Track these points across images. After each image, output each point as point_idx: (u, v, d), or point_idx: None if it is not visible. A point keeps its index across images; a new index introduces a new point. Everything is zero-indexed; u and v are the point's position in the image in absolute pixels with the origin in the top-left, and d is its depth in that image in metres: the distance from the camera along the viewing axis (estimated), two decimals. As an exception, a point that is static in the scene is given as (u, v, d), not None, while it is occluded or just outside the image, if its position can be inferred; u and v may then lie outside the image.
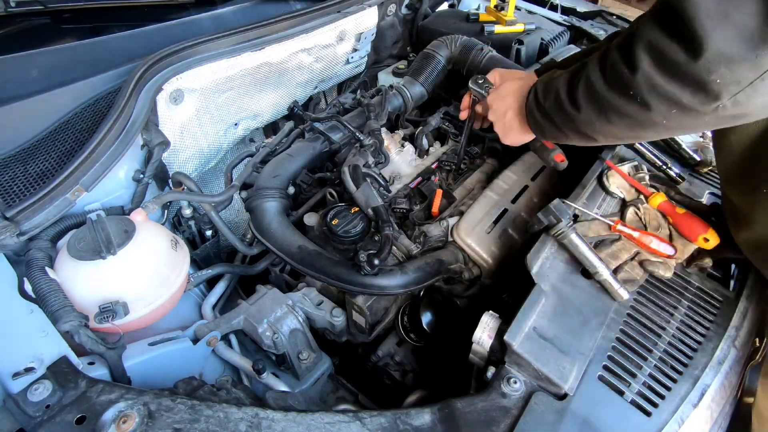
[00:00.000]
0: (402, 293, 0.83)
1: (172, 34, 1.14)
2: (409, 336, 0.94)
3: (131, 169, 0.88)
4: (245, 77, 1.08)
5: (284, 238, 0.89)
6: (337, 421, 0.56)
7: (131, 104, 0.85)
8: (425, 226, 0.90)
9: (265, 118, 1.22)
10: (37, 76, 0.94)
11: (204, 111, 1.05)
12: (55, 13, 1.14)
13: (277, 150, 1.06)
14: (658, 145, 1.02)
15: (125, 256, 0.72)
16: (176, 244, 0.82)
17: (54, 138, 0.85)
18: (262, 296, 0.87)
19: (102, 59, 1.01)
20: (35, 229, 0.72)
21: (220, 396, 0.62)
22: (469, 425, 0.57)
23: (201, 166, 1.12)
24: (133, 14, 1.24)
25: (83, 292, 0.69)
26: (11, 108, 0.85)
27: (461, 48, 1.22)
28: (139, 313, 0.72)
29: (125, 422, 0.51)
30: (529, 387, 0.62)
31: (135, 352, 0.72)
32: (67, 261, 0.70)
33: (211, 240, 1.04)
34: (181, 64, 0.95)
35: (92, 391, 0.55)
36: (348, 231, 0.88)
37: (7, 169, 0.79)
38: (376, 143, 1.02)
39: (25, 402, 0.53)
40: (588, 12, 1.73)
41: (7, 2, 1.06)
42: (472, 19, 1.44)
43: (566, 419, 0.58)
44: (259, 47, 1.06)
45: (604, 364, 0.64)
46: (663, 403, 0.61)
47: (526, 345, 0.63)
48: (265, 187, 0.94)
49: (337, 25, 1.22)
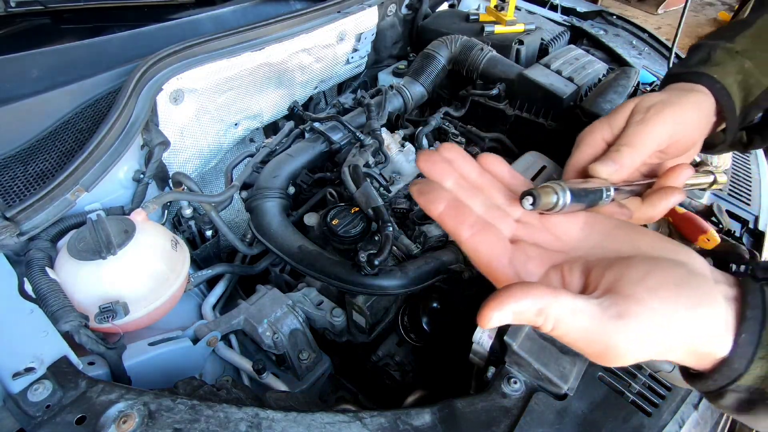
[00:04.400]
0: (402, 293, 0.83)
1: (172, 34, 1.14)
2: (409, 336, 0.94)
3: (131, 169, 0.88)
4: (245, 77, 1.08)
5: (284, 238, 0.89)
6: (337, 421, 0.56)
7: (131, 104, 0.85)
8: (425, 226, 0.90)
9: (265, 118, 1.22)
10: (37, 76, 0.94)
11: (204, 111, 1.04)
12: (55, 13, 1.14)
13: (277, 150, 1.06)
14: (658, 145, 1.02)
15: (125, 256, 0.72)
16: (176, 244, 0.82)
17: (54, 138, 0.85)
18: (262, 296, 0.87)
19: (102, 59, 1.00)
20: (35, 229, 0.72)
21: (220, 396, 0.62)
22: (470, 425, 0.57)
23: (201, 166, 1.11)
24: (133, 14, 1.23)
25: (83, 292, 0.69)
26: (11, 108, 0.85)
27: (461, 48, 1.22)
28: (139, 313, 0.72)
29: (125, 422, 0.51)
30: (529, 387, 0.62)
31: (135, 352, 0.72)
32: (67, 261, 0.70)
33: (211, 240, 1.03)
34: (181, 64, 0.95)
35: (92, 391, 0.55)
36: (348, 231, 0.88)
37: (7, 169, 0.79)
38: (376, 143, 1.02)
39: (25, 402, 0.52)
40: (588, 12, 1.73)
41: (7, 2, 1.06)
42: (472, 19, 1.44)
43: (566, 419, 0.58)
44: (259, 47, 1.06)
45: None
46: (663, 403, 0.61)
47: (526, 345, 0.63)
48: (265, 187, 0.94)
49: (337, 25, 1.22)
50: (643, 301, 0.28)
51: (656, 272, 0.30)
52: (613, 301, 0.29)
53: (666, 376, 0.63)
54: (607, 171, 0.42)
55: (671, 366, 0.62)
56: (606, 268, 0.31)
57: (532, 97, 1.14)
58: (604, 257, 0.33)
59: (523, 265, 0.34)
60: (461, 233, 0.34)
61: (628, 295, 0.29)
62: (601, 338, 0.28)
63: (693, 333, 0.28)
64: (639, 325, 0.28)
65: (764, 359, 0.28)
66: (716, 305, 0.29)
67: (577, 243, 0.36)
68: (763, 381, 0.29)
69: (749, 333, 0.29)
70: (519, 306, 0.28)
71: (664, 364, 0.62)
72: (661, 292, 0.29)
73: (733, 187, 1.01)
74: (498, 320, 0.29)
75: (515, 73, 1.17)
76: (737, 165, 1.10)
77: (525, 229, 0.37)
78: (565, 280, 0.33)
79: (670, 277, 0.30)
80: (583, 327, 0.28)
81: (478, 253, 0.34)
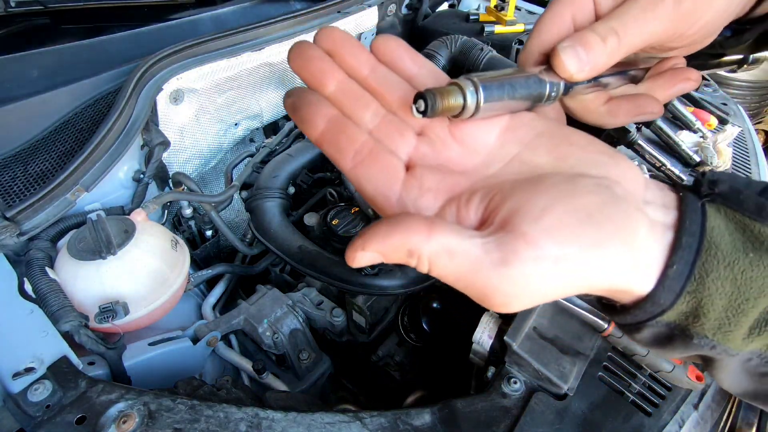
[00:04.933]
0: (402, 293, 0.83)
1: (172, 34, 1.14)
2: (410, 336, 0.94)
3: (131, 169, 0.88)
4: (245, 77, 1.08)
5: (284, 238, 0.89)
6: (337, 421, 0.56)
7: (131, 104, 0.85)
8: (425, 226, 0.90)
9: (265, 118, 1.22)
10: (37, 76, 0.94)
11: (204, 111, 1.04)
12: (55, 13, 1.14)
13: (277, 150, 1.06)
14: (658, 145, 1.02)
15: (125, 256, 0.72)
16: (176, 244, 0.82)
17: (54, 138, 0.85)
18: (262, 296, 0.87)
19: (102, 59, 1.00)
20: (35, 229, 0.72)
21: (220, 396, 0.62)
22: (470, 425, 0.57)
23: (201, 166, 1.11)
24: (133, 14, 1.23)
25: (83, 292, 0.69)
26: (11, 108, 0.85)
27: (461, 48, 1.22)
28: (139, 313, 0.72)
29: (125, 422, 0.51)
30: (529, 387, 0.62)
31: (135, 352, 0.72)
32: (67, 261, 0.70)
33: (211, 240, 1.03)
34: (181, 64, 0.95)
35: (92, 391, 0.55)
36: (348, 231, 0.88)
37: (7, 169, 0.79)
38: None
39: (25, 402, 0.52)
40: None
41: (7, 2, 1.06)
42: (472, 19, 1.44)
43: (566, 419, 0.58)
44: (259, 47, 1.06)
45: (604, 364, 0.64)
46: (663, 403, 0.61)
47: (526, 345, 0.63)
48: (265, 187, 0.94)
49: (338, 25, 1.22)
50: (535, 242, 0.23)
51: (560, 204, 0.24)
52: (500, 242, 0.24)
53: (666, 376, 0.63)
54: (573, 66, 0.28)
55: (671, 366, 0.62)
56: (507, 196, 0.25)
57: (532, 97, 1.14)
58: (520, 177, 0.27)
59: (413, 201, 0.27)
60: (344, 162, 0.27)
61: (520, 234, 0.23)
62: (480, 284, 0.24)
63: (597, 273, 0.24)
64: (525, 271, 0.23)
65: (692, 293, 0.24)
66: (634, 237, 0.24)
67: (491, 158, 0.29)
68: (687, 317, 0.25)
69: (681, 263, 0.24)
70: (385, 247, 0.24)
71: (664, 363, 0.62)
72: (560, 232, 0.23)
73: (733, 187, 1.01)
74: (365, 260, 0.25)
75: (515, 73, 1.17)
76: (737, 165, 1.10)
77: (428, 145, 0.29)
78: (461, 214, 0.26)
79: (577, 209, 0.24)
80: (460, 271, 0.24)
81: (363, 189, 0.28)
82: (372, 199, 0.28)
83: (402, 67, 0.30)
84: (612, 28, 0.29)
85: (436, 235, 0.24)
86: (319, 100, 0.28)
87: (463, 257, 0.24)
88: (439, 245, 0.24)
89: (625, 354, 0.65)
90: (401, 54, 0.30)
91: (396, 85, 0.29)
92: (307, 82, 0.28)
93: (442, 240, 0.24)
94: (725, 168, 1.01)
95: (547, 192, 0.25)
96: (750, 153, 1.16)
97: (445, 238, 0.24)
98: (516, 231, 0.24)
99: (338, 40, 0.28)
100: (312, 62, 0.28)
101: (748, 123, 1.26)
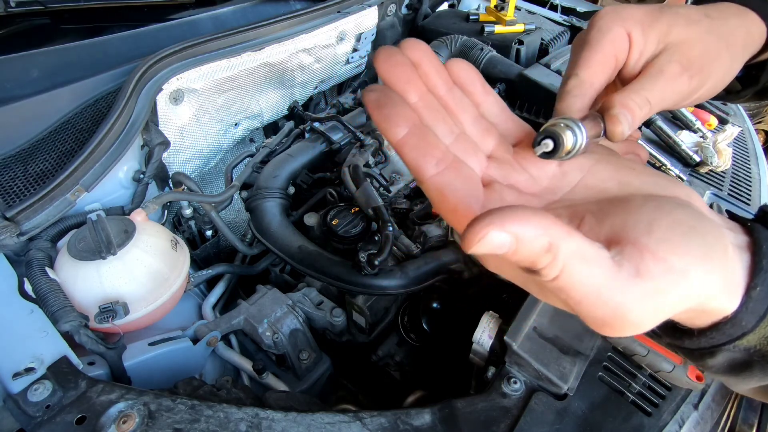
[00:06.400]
0: (402, 293, 0.83)
1: (172, 34, 1.14)
2: (410, 336, 0.94)
3: (131, 169, 0.88)
4: (245, 77, 1.08)
5: (284, 238, 0.89)
6: (337, 421, 0.56)
7: (131, 104, 0.85)
8: (425, 226, 0.90)
9: (265, 118, 1.22)
10: (37, 76, 0.94)
11: (204, 111, 1.04)
12: (55, 13, 1.14)
13: (277, 150, 1.06)
14: (658, 145, 1.02)
15: (125, 256, 0.72)
16: (176, 244, 0.82)
17: (54, 138, 0.85)
18: (262, 296, 0.87)
19: (102, 59, 1.00)
20: (35, 229, 0.72)
21: (220, 396, 0.62)
22: (470, 425, 0.57)
23: (201, 166, 1.11)
24: (133, 14, 1.23)
25: (83, 292, 0.69)
26: (11, 108, 0.85)
27: (461, 48, 1.22)
28: (139, 313, 0.72)
29: (125, 422, 0.51)
30: (529, 387, 0.62)
31: (135, 352, 0.72)
32: (67, 261, 0.70)
33: (211, 240, 1.03)
34: (181, 64, 0.95)
35: (92, 391, 0.55)
36: (348, 231, 0.88)
37: (7, 169, 0.79)
38: (376, 143, 1.02)
39: (25, 402, 0.52)
40: (588, 12, 1.73)
41: (7, 2, 1.06)
42: (472, 19, 1.44)
43: (566, 419, 0.58)
44: (259, 47, 1.06)
45: (604, 364, 0.64)
46: (663, 403, 0.61)
47: (526, 345, 0.63)
48: (265, 187, 0.94)
49: (337, 25, 1.22)
50: (659, 255, 0.21)
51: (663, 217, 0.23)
52: (626, 254, 0.22)
53: (666, 376, 0.63)
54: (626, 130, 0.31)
55: (671, 365, 0.62)
56: (602, 214, 0.24)
57: (532, 97, 1.14)
58: (593, 200, 0.27)
59: None
60: (425, 169, 0.26)
61: (643, 246, 0.22)
62: (613, 300, 0.21)
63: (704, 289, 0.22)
64: (658, 285, 0.21)
65: None
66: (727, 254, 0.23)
67: (555, 184, 0.29)
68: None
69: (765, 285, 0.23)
70: (525, 230, 0.20)
71: (664, 363, 0.62)
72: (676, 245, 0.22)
73: (733, 187, 1.01)
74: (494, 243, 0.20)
75: (515, 73, 1.17)
76: (737, 165, 1.10)
77: (498, 167, 0.29)
78: None
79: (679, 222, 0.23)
80: (594, 282, 0.21)
81: (445, 197, 0.26)
82: (453, 208, 0.26)
83: (473, 91, 0.31)
84: (647, 100, 0.32)
85: (575, 236, 0.21)
86: (404, 103, 0.27)
87: (597, 266, 0.21)
88: (577, 246, 0.21)
89: (625, 354, 0.65)
90: (473, 79, 0.31)
91: (468, 109, 0.31)
92: (392, 86, 0.28)
93: (580, 242, 0.21)
94: (725, 168, 1.01)
95: (641, 209, 0.23)
96: (750, 153, 1.16)
97: (582, 242, 0.21)
98: (636, 244, 0.22)
99: (423, 54, 0.29)
100: (399, 68, 0.27)
101: (748, 123, 1.26)
